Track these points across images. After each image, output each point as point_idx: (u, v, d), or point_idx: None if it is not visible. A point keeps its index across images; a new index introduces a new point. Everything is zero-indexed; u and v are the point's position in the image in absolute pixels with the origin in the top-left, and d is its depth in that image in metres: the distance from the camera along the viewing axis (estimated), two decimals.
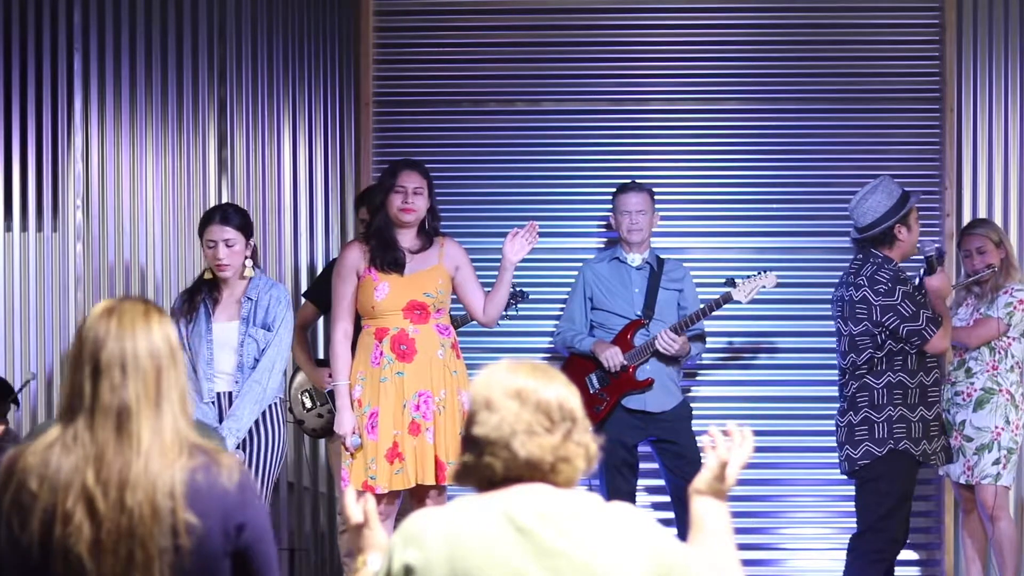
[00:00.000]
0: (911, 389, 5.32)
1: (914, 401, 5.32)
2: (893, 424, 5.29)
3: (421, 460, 5.10)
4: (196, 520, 2.52)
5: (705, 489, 2.72)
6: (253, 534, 2.60)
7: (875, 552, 5.28)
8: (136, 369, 2.55)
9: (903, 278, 5.33)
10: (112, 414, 2.53)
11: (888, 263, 5.33)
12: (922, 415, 5.33)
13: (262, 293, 5.16)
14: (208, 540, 2.54)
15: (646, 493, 6.26)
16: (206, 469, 2.56)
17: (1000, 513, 5.75)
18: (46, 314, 6.40)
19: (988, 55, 6.40)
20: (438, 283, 5.22)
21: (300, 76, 6.47)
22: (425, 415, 5.11)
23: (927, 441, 5.33)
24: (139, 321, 2.59)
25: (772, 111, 6.45)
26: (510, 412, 2.50)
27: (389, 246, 5.21)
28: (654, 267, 5.97)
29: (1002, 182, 6.39)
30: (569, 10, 6.50)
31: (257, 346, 5.11)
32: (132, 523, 2.49)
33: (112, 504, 2.49)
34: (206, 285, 5.20)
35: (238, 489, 2.58)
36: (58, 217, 6.43)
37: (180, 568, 2.52)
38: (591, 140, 6.45)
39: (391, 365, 5.14)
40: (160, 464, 2.52)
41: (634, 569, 2.45)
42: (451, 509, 2.53)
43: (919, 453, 5.31)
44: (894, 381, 5.31)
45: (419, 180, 5.24)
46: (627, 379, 5.85)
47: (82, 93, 6.42)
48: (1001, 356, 5.80)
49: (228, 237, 5.12)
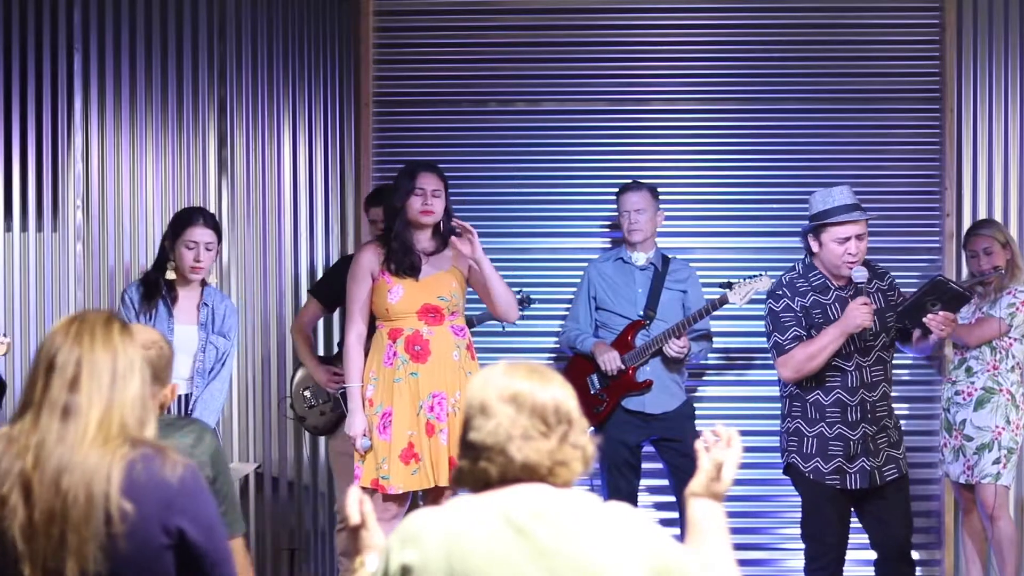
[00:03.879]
0: (807, 404, 5.15)
1: (813, 416, 5.13)
2: (789, 437, 5.20)
3: (436, 461, 5.11)
4: (131, 508, 2.53)
5: (701, 491, 2.72)
6: (199, 531, 2.60)
7: (812, 560, 5.20)
8: (91, 374, 2.58)
9: (779, 293, 5.16)
10: (59, 408, 2.57)
11: (809, 270, 5.17)
12: (821, 431, 5.12)
13: (217, 303, 5.24)
14: (144, 529, 2.54)
15: (647, 493, 6.26)
16: (147, 460, 2.57)
17: (1000, 513, 5.74)
18: (46, 314, 6.40)
19: (988, 55, 6.40)
20: (452, 286, 5.22)
21: (300, 76, 6.47)
22: (439, 416, 5.11)
23: (821, 459, 5.11)
24: (99, 329, 2.63)
25: (772, 111, 6.45)
26: (506, 417, 2.50)
27: (408, 250, 5.21)
28: (658, 267, 5.97)
29: (1002, 182, 6.39)
30: (569, 10, 6.50)
31: (216, 352, 5.16)
32: (66, 506, 2.51)
33: (47, 487, 2.52)
34: (166, 284, 5.21)
35: (180, 483, 2.58)
36: (58, 217, 6.43)
37: (114, 554, 2.53)
38: (591, 140, 6.45)
39: (405, 366, 5.14)
40: (100, 452, 2.54)
41: (631, 569, 2.45)
42: (449, 509, 2.53)
43: (808, 470, 5.13)
44: (793, 393, 5.20)
45: (437, 182, 5.24)
46: (627, 380, 5.85)
47: (82, 93, 6.42)
48: (1002, 356, 5.79)
49: (209, 241, 5.17)
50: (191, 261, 5.15)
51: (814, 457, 5.13)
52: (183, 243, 5.16)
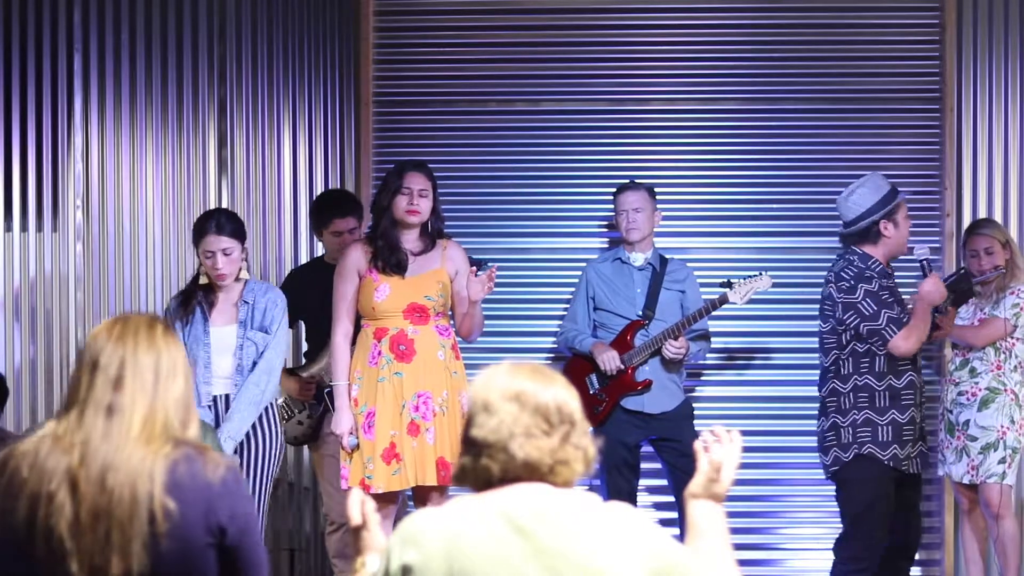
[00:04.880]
0: (878, 392, 5.20)
1: (883, 404, 5.20)
2: (858, 428, 5.21)
3: (421, 461, 5.10)
4: (174, 507, 2.55)
5: (701, 493, 2.73)
6: (239, 531, 2.63)
7: (852, 559, 5.22)
8: (135, 375, 2.61)
9: (868, 276, 5.22)
10: (103, 407, 2.59)
11: (866, 260, 5.25)
12: (893, 418, 5.20)
13: (259, 296, 5.15)
14: (186, 528, 2.57)
15: (647, 493, 6.26)
16: (190, 460, 2.60)
17: (1005, 512, 5.75)
18: (46, 314, 6.40)
19: (988, 55, 6.40)
20: (439, 286, 5.22)
21: (300, 76, 6.47)
22: (425, 416, 5.11)
23: (898, 446, 5.20)
24: (142, 330, 2.66)
25: (772, 111, 6.45)
26: (508, 415, 2.51)
27: (394, 248, 5.21)
28: (656, 267, 5.98)
29: (1002, 182, 6.39)
30: (569, 10, 6.50)
31: (256, 349, 5.10)
32: (111, 504, 2.53)
33: (93, 483, 2.54)
34: (202, 289, 5.18)
35: (222, 483, 2.61)
36: (58, 217, 6.43)
37: (157, 552, 2.55)
38: (591, 140, 6.45)
39: (389, 365, 5.13)
40: (143, 452, 2.57)
41: (631, 569, 2.45)
42: (449, 509, 2.54)
43: (887, 458, 5.19)
44: (860, 384, 5.22)
45: (424, 182, 5.23)
46: (626, 380, 5.86)
47: (82, 93, 6.42)
48: (1006, 356, 5.79)
49: (226, 247, 5.07)
50: (212, 269, 5.11)
51: (891, 444, 5.20)
52: (202, 253, 5.11)
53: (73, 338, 6.39)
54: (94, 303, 6.39)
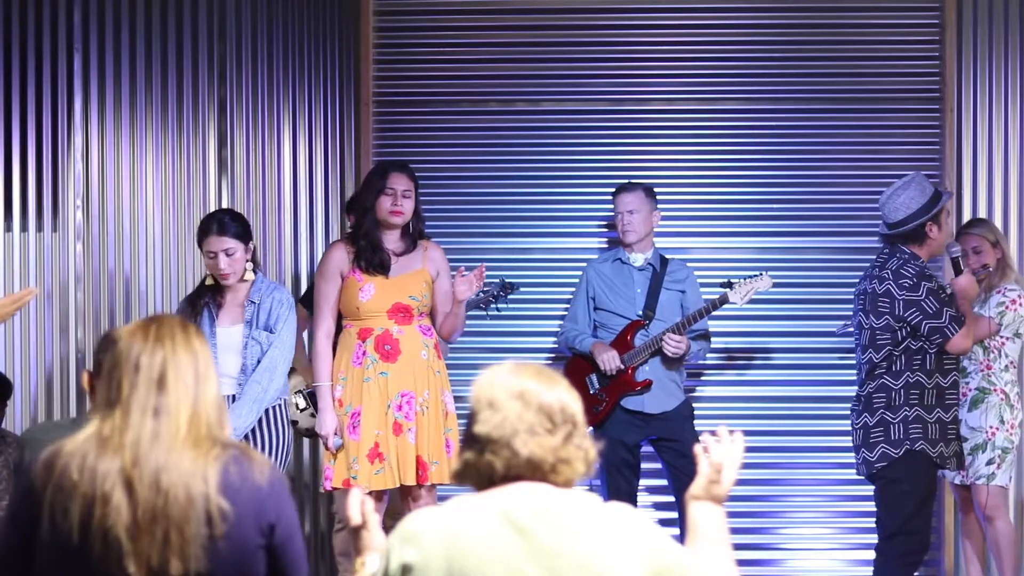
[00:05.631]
0: (928, 390, 5.25)
1: (931, 402, 5.25)
2: (909, 424, 5.23)
3: (403, 461, 5.11)
4: (229, 508, 2.58)
5: (701, 494, 2.73)
6: (285, 531, 2.67)
7: (906, 555, 5.23)
8: (176, 375, 2.63)
9: (929, 274, 5.28)
10: (149, 408, 2.61)
11: (915, 259, 5.29)
12: (939, 417, 5.26)
13: (265, 296, 5.15)
14: (241, 530, 2.60)
15: (647, 493, 6.26)
16: (239, 462, 2.63)
17: (995, 513, 5.74)
18: (46, 314, 6.40)
19: (988, 55, 6.40)
20: (422, 286, 5.22)
21: (300, 76, 6.47)
22: (407, 415, 5.11)
23: (944, 444, 5.26)
24: (178, 331, 2.68)
25: (772, 111, 6.45)
26: (512, 412, 2.52)
27: (377, 248, 5.21)
28: (656, 268, 5.98)
29: (1002, 182, 6.39)
30: (569, 10, 6.50)
31: (261, 348, 5.10)
32: (167, 505, 2.56)
33: (149, 485, 2.56)
34: (209, 290, 5.19)
35: (270, 485, 2.65)
36: (58, 217, 6.44)
37: (215, 554, 2.58)
38: (591, 140, 6.46)
39: (375, 365, 5.14)
40: (193, 454, 2.60)
41: (631, 569, 2.46)
42: (449, 508, 2.54)
43: (935, 455, 5.24)
44: (911, 381, 5.26)
45: (408, 182, 5.24)
46: (626, 380, 5.86)
47: (82, 93, 6.43)
48: (995, 356, 5.79)
49: (228, 247, 5.07)
50: (214, 270, 5.13)
51: (939, 442, 5.25)
52: (205, 253, 5.13)
53: (73, 338, 6.39)
54: (94, 303, 6.39)
